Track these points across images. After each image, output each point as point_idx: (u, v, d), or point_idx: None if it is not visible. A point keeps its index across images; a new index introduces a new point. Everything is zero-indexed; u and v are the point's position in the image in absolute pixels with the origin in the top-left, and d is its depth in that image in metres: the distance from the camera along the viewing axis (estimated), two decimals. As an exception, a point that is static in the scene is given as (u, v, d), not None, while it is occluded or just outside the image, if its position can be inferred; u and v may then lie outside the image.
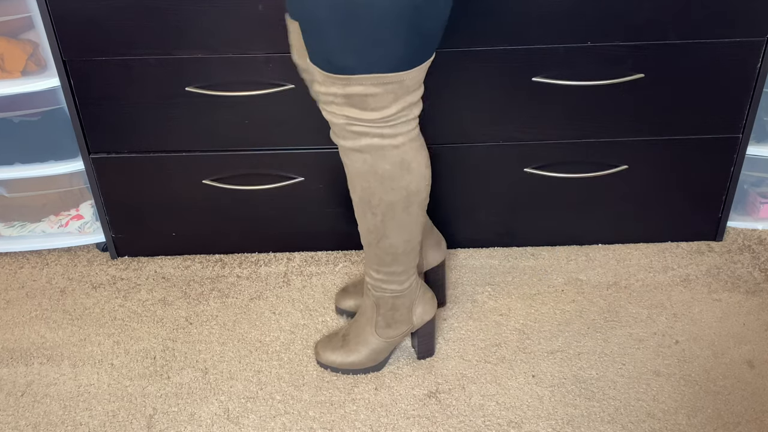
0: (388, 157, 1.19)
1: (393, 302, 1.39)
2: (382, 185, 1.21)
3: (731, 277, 1.68)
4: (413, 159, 1.21)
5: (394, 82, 1.11)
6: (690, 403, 1.41)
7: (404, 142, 1.19)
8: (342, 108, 1.15)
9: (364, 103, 1.13)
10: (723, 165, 1.67)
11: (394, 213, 1.25)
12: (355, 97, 1.12)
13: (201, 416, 1.42)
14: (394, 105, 1.14)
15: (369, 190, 1.23)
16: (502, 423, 1.39)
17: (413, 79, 1.13)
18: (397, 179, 1.21)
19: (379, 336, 1.43)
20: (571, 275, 1.70)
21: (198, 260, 1.78)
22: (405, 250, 1.31)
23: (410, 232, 1.29)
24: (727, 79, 1.55)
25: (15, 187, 1.77)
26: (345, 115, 1.15)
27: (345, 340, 1.46)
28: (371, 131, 1.16)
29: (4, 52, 1.56)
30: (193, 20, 1.46)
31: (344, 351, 1.45)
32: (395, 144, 1.18)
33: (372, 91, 1.11)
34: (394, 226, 1.26)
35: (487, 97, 1.56)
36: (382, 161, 1.19)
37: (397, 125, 1.17)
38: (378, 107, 1.13)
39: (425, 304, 1.43)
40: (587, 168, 1.66)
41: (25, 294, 1.72)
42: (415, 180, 1.22)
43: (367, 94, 1.12)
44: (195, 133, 1.61)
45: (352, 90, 1.12)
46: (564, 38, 1.49)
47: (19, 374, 1.52)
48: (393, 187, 1.22)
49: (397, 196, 1.23)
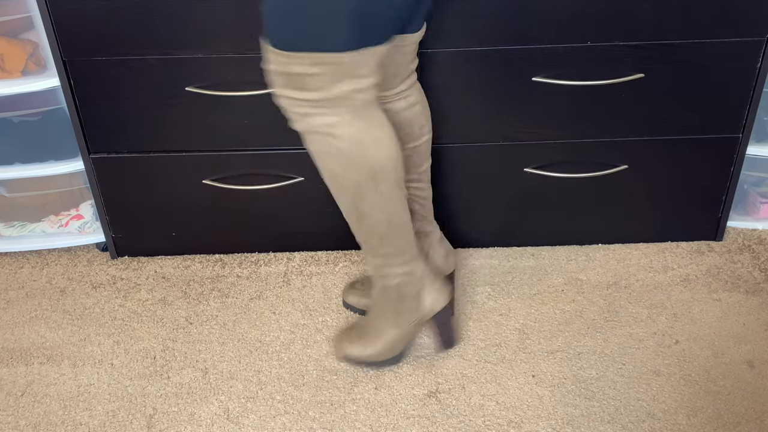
0: (339, 136, 1.16)
1: (398, 290, 1.38)
2: (340, 164, 1.19)
3: (731, 277, 1.68)
4: (365, 134, 1.18)
5: (332, 63, 1.09)
6: (690, 403, 1.41)
7: (353, 120, 1.16)
8: (284, 89, 1.14)
9: (303, 83, 1.11)
10: (723, 165, 1.67)
11: (363, 192, 1.23)
12: (294, 76, 1.11)
13: (201, 416, 1.42)
14: (335, 86, 1.11)
15: (331, 170, 1.21)
16: (502, 423, 1.39)
17: (356, 63, 1.11)
18: (354, 157, 1.18)
19: (391, 326, 1.42)
20: (571, 275, 1.70)
21: (198, 260, 1.78)
22: (389, 229, 1.29)
23: (388, 211, 1.26)
24: (727, 79, 1.55)
25: (15, 187, 1.77)
26: (288, 96, 1.14)
27: (360, 333, 1.46)
28: (314, 111, 1.14)
29: (4, 52, 1.56)
30: (193, 20, 1.46)
31: (361, 344, 1.45)
32: (343, 121, 1.15)
33: (310, 71, 1.10)
34: (368, 205, 1.24)
35: (487, 97, 1.56)
36: (333, 140, 1.17)
37: (341, 107, 1.14)
38: (317, 87, 1.11)
39: (435, 292, 1.41)
40: (587, 168, 1.66)
41: (25, 294, 1.72)
42: (375, 157, 1.19)
43: (305, 74, 1.10)
44: (195, 133, 1.61)
45: (292, 69, 1.10)
46: (564, 38, 1.49)
47: (19, 374, 1.52)
48: (352, 164, 1.19)
49: (359, 173, 1.20)
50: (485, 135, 1.61)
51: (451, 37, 1.49)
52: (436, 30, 1.48)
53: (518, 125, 1.60)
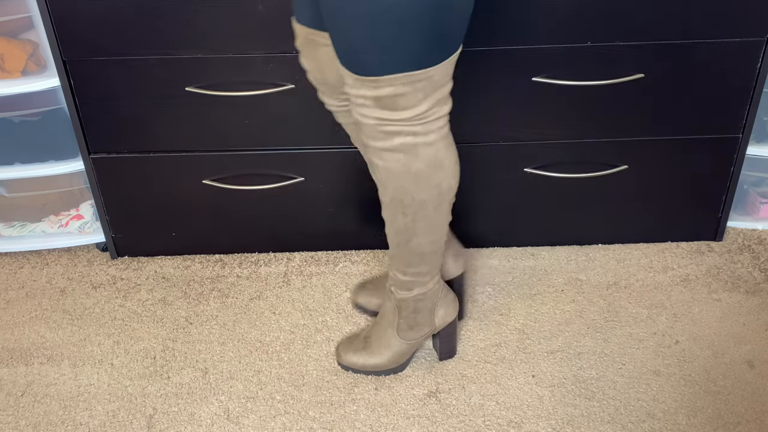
0: (422, 156, 1.18)
1: (415, 305, 1.38)
2: (415, 184, 1.21)
3: (731, 277, 1.68)
4: (445, 156, 1.21)
5: (423, 79, 1.10)
6: (690, 403, 1.41)
7: (436, 140, 1.18)
8: (373, 110, 1.14)
9: (394, 104, 1.12)
10: (723, 165, 1.67)
11: (426, 212, 1.24)
12: (385, 98, 1.11)
13: (201, 416, 1.42)
14: (424, 102, 1.13)
15: (402, 189, 1.22)
16: (502, 423, 1.39)
17: (441, 74, 1.12)
18: (431, 178, 1.21)
19: (402, 339, 1.42)
20: (571, 275, 1.70)
21: (198, 260, 1.78)
22: (432, 249, 1.31)
23: (438, 231, 1.29)
24: (727, 79, 1.55)
25: (15, 187, 1.77)
26: (376, 117, 1.14)
27: (367, 342, 1.46)
28: (403, 130, 1.15)
29: (4, 52, 1.56)
30: (193, 20, 1.46)
31: (366, 353, 1.45)
32: (428, 142, 1.17)
33: (401, 90, 1.10)
34: (425, 225, 1.26)
35: (487, 97, 1.56)
36: (415, 160, 1.18)
37: (429, 122, 1.16)
38: (409, 106, 1.13)
39: (447, 306, 1.43)
40: (587, 168, 1.66)
41: (25, 294, 1.72)
42: (447, 178, 1.22)
43: (396, 94, 1.11)
44: (195, 133, 1.61)
45: (382, 92, 1.11)
46: (564, 38, 1.49)
47: (19, 374, 1.52)
48: (426, 185, 1.21)
49: (429, 194, 1.22)
50: (485, 135, 1.61)
51: (451, 37, 1.49)
52: (436, 30, 1.48)
53: (518, 125, 1.60)
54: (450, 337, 1.47)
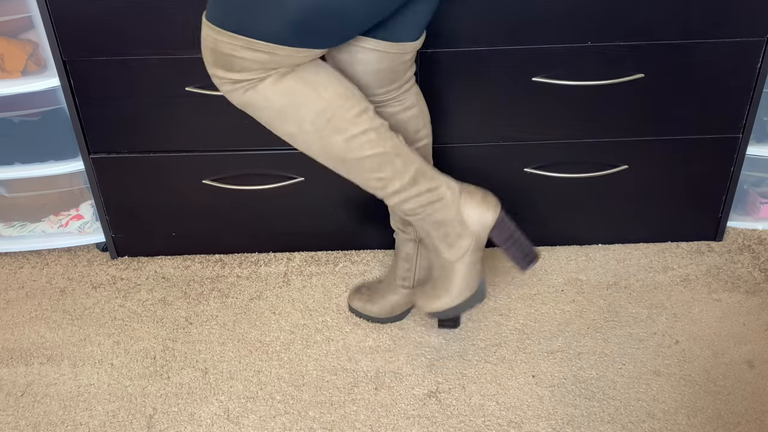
0: (272, 98, 1.13)
1: (435, 219, 1.27)
2: (289, 122, 1.16)
3: (731, 277, 1.68)
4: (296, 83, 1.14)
5: (264, 51, 1.08)
6: (690, 403, 1.41)
7: (279, 80, 1.13)
8: (212, 66, 1.12)
9: (230, 64, 1.10)
10: (723, 165, 1.67)
11: (326, 139, 1.18)
12: (222, 55, 1.09)
13: (201, 416, 1.42)
14: (261, 74, 1.11)
15: (286, 132, 1.18)
16: (502, 423, 1.39)
17: (288, 58, 1.09)
18: (296, 108, 1.15)
19: (453, 262, 1.31)
20: (571, 275, 1.70)
21: (198, 260, 1.78)
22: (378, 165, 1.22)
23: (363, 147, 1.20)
24: (727, 79, 1.55)
25: (15, 187, 1.77)
26: (215, 75, 1.13)
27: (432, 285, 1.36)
28: (237, 88, 1.13)
29: (4, 52, 1.56)
30: (193, 20, 1.46)
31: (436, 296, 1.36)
32: (265, 87, 1.13)
33: (239, 53, 1.08)
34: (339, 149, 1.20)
35: (487, 97, 1.56)
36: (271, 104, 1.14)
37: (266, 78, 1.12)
38: (243, 70, 1.10)
39: (477, 205, 1.29)
40: (587, 168, 1.66)
41: (25, 294, 1.72)
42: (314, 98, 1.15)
43: (232, 55, 1.09)
44: (195, 133, 1.61)
45: (221, 48, 1.09)
46: (564, 38, 1.49)
47: (19, 374, 1.52)
48: (298, 118, 1.16)
49: (310, 124, 1.17)
50: (485, 135, 1.61)
51: (451, 37, 1.49)
52: (436, 30, 1.48)
53: (518, 125, 1.60)
54: (511, 241, 1.29)
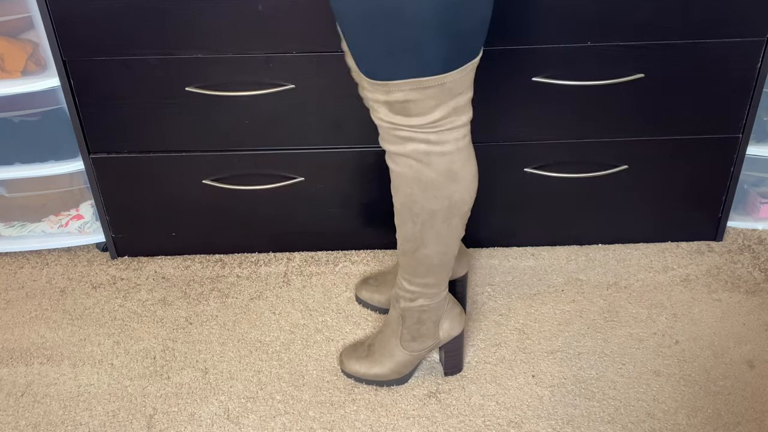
0: (434, 165, 1.15)
1: (419, 316, 1.37)
2: (425, 193, 1.18)
3: (731, 277, 1.68)
4: (460, 169, 1.18)
5: (433, 86, 1.08)
6: (690, 403, 1.41)
7: (452, 150, 1.15)
8: (387, 114, 1.12)
9: (406, 110, 1.10)
10: (723, 165, 1.67)
11: (434, 222, 1.22)
12: (396, 103, 1.10)
13: (201, 416, 1.42)
14: (437, 110, 1.11)
15: (412, 197, 1.20)
16: (502, 423, 1.39)
17: (455, 82, 1.09)
18: (442, 188, 1.18)
19: (404, 349, 1.41)
20: (571, 275, 1.70)
21: (198, 260, 1.78)
22: (440, 262, 1.28)
23: (448, 244, 1.26)
24: (727, 79, 1.55)
25: (15, 187, 1.77)
26: (389, 121, 1.13)
27: (370, 350, 1.45)
28: (416, 136, 1.13)
29: (4, 52, 1.56)
30: (193, 20, 1.46)
31: (369, 362, 1.44)
32: (442, 151, 1.15)
33: (412, 96, 1.08)
34: (433, 236, 1.24)
35: (487, 97, 1.56)
36: (427, 168, 1.16)
37: (444, 132, 1.13)
38: (420, 113, 1.10)
39: (452, 319, 1.40)
40: (587, 168, 1.66)
41: (25, 294, 1.72)
42: (459, 191, 1.19)
43: (407, 100, 1.09)
44: (195, 133, 1.61)
45: (393, 97, 1.09)
46: (564, 38, 1.49)
47: (19, 374, 1.52)
48: (436, 195, 1.19)
49: (439, 205, 1.20)
50: (485, 135, 1.61)
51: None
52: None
53: (518, 125, 1.60)
54: (455, 353, 1.45)
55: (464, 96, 1.13)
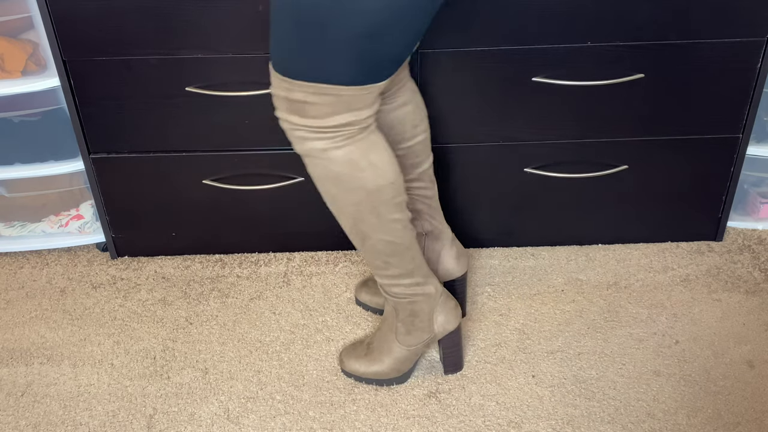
0: (334, 159, 1.17)
1: (411, 308, 1.37)
2: (338, 187, 1.20)
3: (731, 277, 1.68)
4: (361, 158, 1.18)
5: (332, 94, 1.10)
6: (690, 403, 1.41)
7: (347, 143, 1.16)
8: (285, 113, 1.15)
9: (302, 110, 1.13)
10: (723, 165, 1.67)
11: (362, 214, 1.23)
12: (295, 102, 1.12)
13: (201, 416, 1.42)
14: (334, 117, 1.13)
15: (329, 193, 1.22)
16: (502, 423, 1.39)
17: (354, 97, 1.12)
18: (350, 180, 1.19)
19: (401, 344, 1.41)
20: (571, 275, 1.70)
21: (198, 260, 1.78)
22: (392, 251, 1.28)
23: (389, 232, 1.26)
24: (727, 79, 1.55)
25: (15, 187, 1.77)
26: (288, 121, 1.15)
27: (369, 348, 1.45)
28: (310, 136, 1.15)
29: (4, 52, 1.56)
30: (193, 20, 1.46)
31: (368, 360, 1.44)
32: (338, 145, 1.16)
33: (310, 99, 1.11)
34: (368, 227, 1.24)
35: (487, 97, 1.56)
36: (329, 163, 1.17)
37: (337, 134, 1.15)
38: (316, 116, 1.13)
39: (447, 313, 1.40)
40: (587, 168, 1.66)
41: (25, 294, 1.72)
42: (371, 179, 1.19)
43: (305, 101, 1.11)
44: (195, 133, 1.61)
45: (293, 95, 1.12)
46: (564, 38, 1.49)
47: (19, 374, 1.52)
48: (348, 188, 1.20)
49: (357, 197, 1.21)
50: (485, 135, 1.61)
51: (451, 37, 1.49)
52: (436, 30, 1.47)
53: (518, 125, 1.60)
54: (454, 349, 1.44)
55: (363, 111, 1.15)
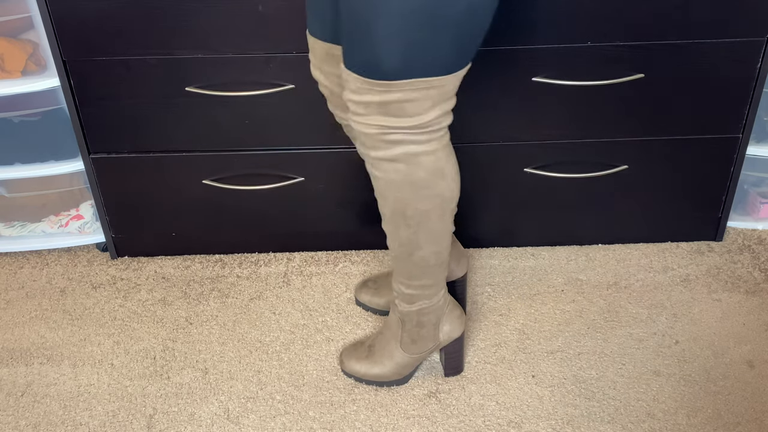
0: (423, 164, 1.16)
1: (419, 319, 1.37)
2: (416, 194, 1.18)
3: (731, 277, 1.68)
4: (446, 165, 1.19)
5: (436, 86, 1.09)
6: (690, 403, 1.41)
7: (438, 148, 1.16)
8: (375, 117, 1.11)
9: (401, 110, 1.10)
10: (723, 165, 1.67)
11: (429, 223, 1.22)
12: (392, 104, 1.09)
13: (201, 416, 1.42)
14: (431, 111, 1.11)
15: (403, 200, 1.20)
16: (502, 423, 1.39)
17: (453, 84, 1.11)
18: (432, 187, 1.18)
19: (405, 351, 1.41)
20: (571, 275, 1.70)
21: (198, 260, 1.79)
22: (436, 262, 1.28)
23: (442, 242, 1.27)
24: (727, 79, 1.55)
25: (15, 187, 1.77)
26: (379, 125, 1.12)
27: (370, 351, 1.45)
28: (406, 138, 1.13)
29: (4, 52, 1.56)
30: (193, 20, 1.46)
31: (369, 362, 1.44)
32: (430, 150, 1.15)
33: (411, 96, 1.08)
34: (428, 236, 1.24)
35: (487, 97, 1.56)
36: (417, 169, 1.16)
37: (432, 132, 1.14)
38: (415, 113, 1.11)
39: (453, 321, 1.40)
40: (587, 168, 1.66)
41: (25, 294, 1.72)
42: (449, 187, 1.20)
43: (405, 100, 1.09)
44: (195, 133, 1.61)
45: (391, 97, 1.09)
46: (564, 38, 1.49)
47: (19, 374, 1.52)
48: (428, 195, 1.19)
49: (431, 204, 1.20)
50: (485, 135, 1.61)
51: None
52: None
53: (518, 125, 1.60)
54: (456, 354, 1.44)
55: (453, 99, 1.15)
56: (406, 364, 1.42)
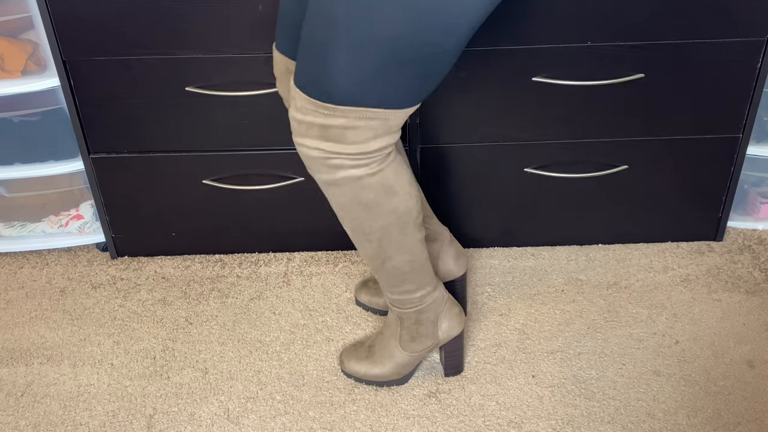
0: (369, 186, 1.14)
1: (417, 317, 1.37)
2: (368, 213, 1.17)
3: (731, 277, 1.68)
4: (395, 181, 1.16)
5: (381, 119, 1.07)
6: (690, 403, 1.41)
7: (383, 168, 1.14)
8: (317, 141, 1.10)
9: (341, 137, 1.08)
10: (723, 165, 1.67)
11: (390, 237, 1.21)
12: (333, 128, 1.07)
13: (201, 416, 1.42)
14: (372, 142, 1.09)
15: (357, 220, 1.19)
16: (502, 423, 1.39)
17: (399, 119, 1.10)
18: (384, 204, 1.17)
19: (404, 350, 1.41)
20: (571, 275, 1.70)
21: (198, 260, 1.78)
22: (411, 268, 1.28)
23: (411, 251, 1.26)
24: (727, 79, 1.55)
25: (15, 187, 1.77)
26: (319, 149, 1.10)
27: (370, 351, 1.45)
28: (347, 163, 1.11)
29: (4, 52, 1.56)
30: (193, 20, 1.46)
31: (369, 362, 1.44)
32: (374, 172, 1.13)
33: (355, 124, 1.07)
34: (393, 248, 1.23)
35: (487, 97, 1.56)
36: (363, 191, 1.14)
37: (373, 162, 1.13)
38: (355, 141, 1.09)
39: (451, 319, 1.40)
40: (587, 168, 1.66)
41: (25, 294, 1.72)
42: (402, 201, 1.18)
43: (348, 127, 1.07)
44: (195, 133, 1.61)
45: (333, 121, 1.07)
46: (564, 38, 1.49)
47: (19, 374, 1.52)
48: (380, 213, 1.18)
49: (387, 220, 1.19)
50: (485, 135, 1.61)
51: (451, 37, 1.49)
52: (436, 30, 1.47)
53: (518, 125, 1.60)
54: (455, 353, 1.44)
55: (397, 134, 1.13)
56: (406, 364, 1.42)
